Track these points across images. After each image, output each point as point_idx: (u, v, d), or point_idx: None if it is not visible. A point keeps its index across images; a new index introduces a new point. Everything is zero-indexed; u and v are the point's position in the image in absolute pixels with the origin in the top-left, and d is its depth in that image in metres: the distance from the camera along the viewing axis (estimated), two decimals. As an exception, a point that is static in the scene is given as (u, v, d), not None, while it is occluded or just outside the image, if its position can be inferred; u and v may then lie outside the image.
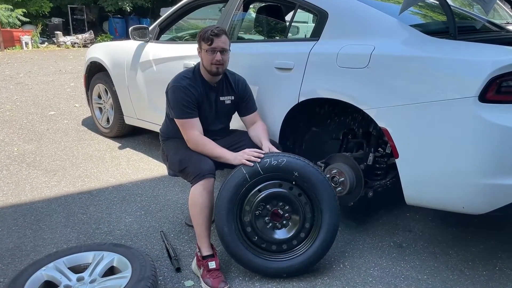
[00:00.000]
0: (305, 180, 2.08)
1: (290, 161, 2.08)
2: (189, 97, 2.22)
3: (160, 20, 3.57)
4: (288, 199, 2.11)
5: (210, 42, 2.20)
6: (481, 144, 1.84)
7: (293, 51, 2.48)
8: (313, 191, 2.09)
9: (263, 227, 2.11)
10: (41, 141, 4.21)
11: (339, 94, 2.24)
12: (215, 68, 2.24)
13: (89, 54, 4.26)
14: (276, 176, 2.10)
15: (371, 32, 2.23)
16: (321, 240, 2.09)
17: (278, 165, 2.08)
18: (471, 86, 1.82)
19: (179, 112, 2.23)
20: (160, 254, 2.33)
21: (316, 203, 2.10)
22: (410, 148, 2.03)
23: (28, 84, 7.15)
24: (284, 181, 2.11)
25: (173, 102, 2.24)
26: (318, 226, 2.11)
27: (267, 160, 2.09)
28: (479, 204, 1.94)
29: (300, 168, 2.07)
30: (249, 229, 2.11)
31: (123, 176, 3.36)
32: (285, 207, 2.12)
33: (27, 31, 13.23)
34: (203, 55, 2.25)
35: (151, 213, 2.77)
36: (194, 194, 2.11)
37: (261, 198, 2.10)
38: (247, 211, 2.10)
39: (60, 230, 2.56)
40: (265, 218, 2.12)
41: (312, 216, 2.11)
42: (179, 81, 2.26)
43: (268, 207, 2.11)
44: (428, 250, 2.35)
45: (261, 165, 2.08)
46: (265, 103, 2.60)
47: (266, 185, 2.11)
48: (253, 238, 2.11)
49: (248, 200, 2.10)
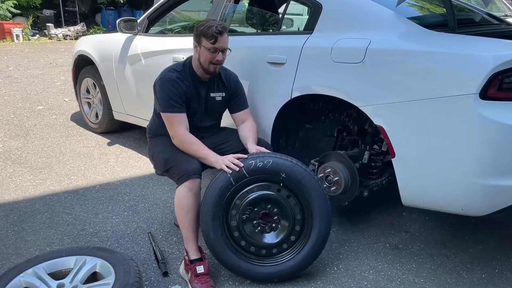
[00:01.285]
0: (293, 181, 1.97)
1: (276, 162, 1.98)
2: (177, 90, 2.11)
3: (149, 12, 3.44)
4: (276, 201, 2.01)
5: (214, 41, 2.06)
6: (481, 143, 1.76)
7: (285, 45, 2.37)
8: (302, 192, 1.99)
9: (251, 231, 2.02)
10: (28, 137, 4.09)
11: (334, 90, 2.14)
12: (213, 68, 2.13)
13: (77, 47, 4.13)
14: (262, 178, 1.99)
15: (366, 25, 2.13)
16: (312, 243, 2.00)
17: (264, 167, 1.97)
18: (472, 82, 1.72)
19: (166, 105, 2.11)
20: (147, 257, 2.23)
21: (306, 204, 2.00)
22: (407, 147, 1.94)
23: (17, 77, 6.99)
24: (271, 183, 2.00)
25: (160, 94, 2.13)
26: (308, 228, 2.02)
27: (252, 162, 1.98)
28: (479, 205, 1.86)
29: (288, 169, 1.97)
30: (237, 234, 2.01)
31: (112, 174, 3.26)
32: (274, 210, 2.02)
33: (18, 23, 12.98)
34: (202, 52, 2.11)
35: (139, 213, 2.68)
36: (179, 195, 2.02)
37: (248, 201, 2.00)
38: (233, 215, 2.01)
39: (44, 232, 2.46)
40: (253, 222, 2.02)
41: (302, 218, 2.02)
42: (167, 73, 2.16)
43: (256, 210, 2.01)
44: (425, 252, 2.27)
45: (246, 167, 1.97)
46: (257, 99, 2.50)
47: (252, 187, 2.00)
48: (241, 242, 2.02)
49: (234, 204, 2.00)
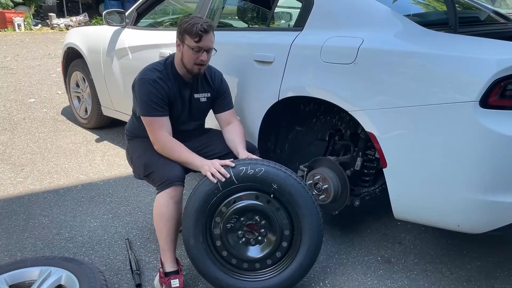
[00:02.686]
0: (285, 193, 1.81)
1: (268, 171, 1.82)
2: (158, 92, 1.95)
3: (138, 4, 3.29)
4: (264, 213, 1.86)
5: (198, 39, 1.90)
6: (481, 156, 1.60)
7: (274, 42, 2.21)
8: (294, 207, 1.82)
9: (234, 242, 1.88)
10: (15, 132, 3.96)
11: (323, 92, 1.99)
12: (197, 68, 1.97)
13: (67, 39, 3.99)
14: (252, 186, 1.84)
15: (360, 22, 1.97)
16: (299, 262, 1.84)
17: (254, 175, 1.81)
18: (472, 88, 1.56)
19: (147, 108, 1.95)
20: (122, 266, 2.10)
21: (296, 220, 1.84)
22: (400, 156, 1.78)
23: (13, 68, 6.88)
24: (261, 193, 1.85)
25: (140, 97, 1.96)
26: (296, 246, 1.86)
27: (243, 168, 1.82)
28: (477, 222, 1.70)
29: (280, 180, 1.81)
30: (219, 243, 1.87)
31: (96, 173, 3.13)
32: (261, 222, 1.87)
33: (20, 13, 12.88)
34: (185, 51, 1.94)
35: (119, 217, 2.54)
36: (159, 203, 1.87)
37: (234, 210, 1.85)
38: (217, 223, 1.86)
39: (17, 235, 2.34)
40: (238, 232, 1.88)
41: (290, 235, 1.86)
42: (147, 73, 1.98)
43: (241, 220, 1.87)
44: (418, 267, 2.12)
45: (235, 174, 1.81)
46: (243, 99, 2.35)
47: (240, 195, 1.85)
48: (222, 253, 1.88)
49: (220, 211, 1.86)
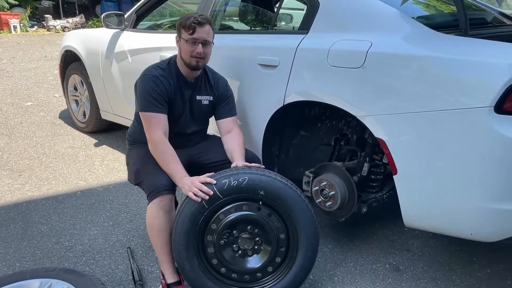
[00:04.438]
0: (273, 197, 1.77)
1: (252, 178, 1.76)
2: (158, 88, 1.92)
3: (137, 6, 3.23)
4: (256, 221, 1.80)
5: (192, 31, 1.90)
6: (495, 163, 1.55)
7: (278, 46, 2.16)
8: (285, 209, 1.79)
9: (231, 257, 1.82)
10: (12, 136, 3.90)
11: (330, 97, 1.93)
12: (194, 61, 1.94)
13: (64, 42, 3.92)
14: (239, 197, 1.78)
15: (368, 25, 1.92)
16: (300, 263, 1.81)
17: (239, 185, 1.75)
18: (486, 93, 1.51)
19: (145, 103, 1.91)
20: (124, 276, 2.05)
21: (289, 222, 1.81)
22: (411, 163, 1.73)
23: (9, 71, 6.80)
24: (249, 202, 1.80)
25: (140, 92, 1.93)
26: (294, 248, 1.83)
27: (225, 181, 1.75)
28: (490, 231, 1.66)
29: (266, 185, 1.76)
30: (215, 261, 1.82)
31: (95, 179, 3.07)
32: (255, 231, 1.82)
33: (16, 14, 12.76)
34: (181, 45, 1.96)
35: (120, 224, 2.49)
36: (149, 215, 1.82)
37: (225, 224, 1.78)
38: (209, 241, 1.80)
39: (16, 244, 2.27)
40: (233, 246, 1.82)
41: (286, 238, 1.83)
42: (150, 70, 1.98)
43: (234, 233, 1.81)
44: (428, 275, 2.07)
45: (218, 188, 1.74)
46: (246, 104, 2.30)
47: (229, 209, 1.79)
48: (221, 270, 1.83)
49: (210, 229, 1.79)
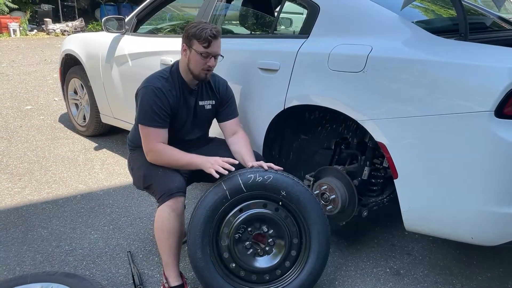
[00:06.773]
0: (293, 200, 1.80)
1: (277, 178, 1.80)
2: (161, 102, 1.89)
3: (138, 10, 3.24)
4: (273, 221, 1.83)
5: (207, 44, 1.85)
6: (496, 167, 1.55)
7: (279, 50, 2.17)
8: (302, 214, 1.81)
9: (242, 253, 1.83)
10: (12, 140, 3.89)
11: (331, 101, 1.94)
12: (204, 74, 1.93)
13: (64, 46, 3.93)
14: (260, 195, 1.82)
15: (368, 30, 1.93)
16: (309, 270, 1.82)
17: (263, 182, 1.79)
18: (486, 98, 1.52)
19: (146, 117, 1.89)
20: (125, 280, 2.04)
21: (304, 227, 1.83)
22: (411, 167, 1.74)
23: (9, 74, 6.80)
24: (269, 201, 1.83)
25: (142, 105, 1.90)
26: (305, 254, 1.84)
27: (251, 176, 1.80)
28: (491, 235, 1.66)
29: (288, 187, 1.80)
30: (227, 255, 1.82)
31: (95, 183, 3.07)
32: (269, 231, 1.84)
33: (15, 18, 12.81)
34: (192, 57, 1.89)
35: (120, 228, 2.48)
36: (160, 216, 1.82)
37: (242, 219, 1.81)
38: (225, 233, 1.82)
39: (16, 248, 2.27)
40: (245, 243, 1.83)
41: (299, 243, 1.84)
42: (153, 81, 1.93)
43: (249, 230, 1.83)
44: (429, 279, 2.07)
45: (244, 181, 1.79)
46: (247, 108, 2.30)
47: (248, 204, 1.83)
48: (230, 265, 1.83)
49: (228, 221, 1.82)
